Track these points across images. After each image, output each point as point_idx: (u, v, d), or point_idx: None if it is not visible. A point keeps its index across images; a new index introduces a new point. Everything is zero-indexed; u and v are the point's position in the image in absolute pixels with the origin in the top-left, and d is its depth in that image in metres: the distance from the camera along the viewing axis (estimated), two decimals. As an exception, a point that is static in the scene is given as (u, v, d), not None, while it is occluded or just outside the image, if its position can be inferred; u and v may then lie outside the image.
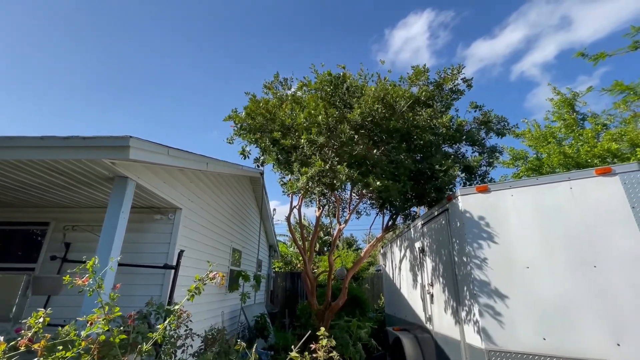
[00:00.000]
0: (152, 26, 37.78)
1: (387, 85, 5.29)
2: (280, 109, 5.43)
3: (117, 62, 47.32)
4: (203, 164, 4.97)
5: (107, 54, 43.79)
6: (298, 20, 40.61)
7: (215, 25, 39.68)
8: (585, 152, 7.52)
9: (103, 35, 35.84)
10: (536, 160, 8.65)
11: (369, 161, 4.82)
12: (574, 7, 43.10)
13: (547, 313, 3.16)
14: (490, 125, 6.15)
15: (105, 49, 40.81)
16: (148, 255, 4.81)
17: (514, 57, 59.32)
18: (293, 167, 4.86)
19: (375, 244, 7.64)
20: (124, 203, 3.62)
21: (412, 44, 67.45)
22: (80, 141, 3.10)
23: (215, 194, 6.81)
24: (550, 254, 3.30)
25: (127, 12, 34.60)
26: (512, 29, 60.08)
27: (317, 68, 5.45)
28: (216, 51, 47.21)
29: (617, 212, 3.09)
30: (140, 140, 3.28)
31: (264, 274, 11.86)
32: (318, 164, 4.28)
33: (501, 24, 63.33)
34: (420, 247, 5.46)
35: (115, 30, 35.39)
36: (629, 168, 3.16)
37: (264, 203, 10.54)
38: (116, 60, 46.41)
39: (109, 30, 35.86)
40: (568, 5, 43.66)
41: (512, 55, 60.46)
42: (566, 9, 45.54)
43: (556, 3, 46.03)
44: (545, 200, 3.45)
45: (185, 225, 5.27)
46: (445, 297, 4.41)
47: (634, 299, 2.83)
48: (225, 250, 7.45)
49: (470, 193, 3.90)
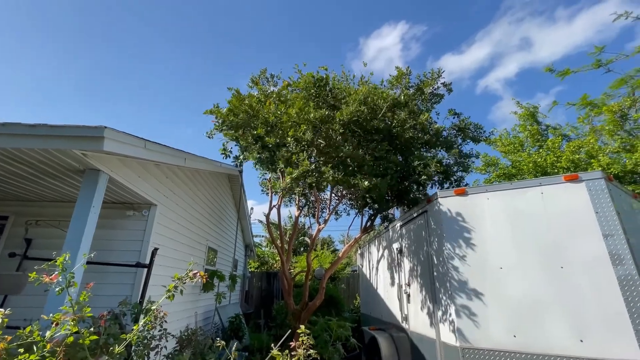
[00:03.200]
0: (130, 26, 36.22)
1: (372, 88, 5.36)
2: (265, 105, 5.35)
3: (85, 56, 44.99)
4: (181, 159, 4.79)
5: (73, 45, 41.49)
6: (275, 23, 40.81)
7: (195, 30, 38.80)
8: (552, 162, 8.01)
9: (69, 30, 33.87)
10: (512, 168, 9.12)
11: (354, 161, 4.86)
12: (533, 30, 47.47)
13: (517, 312, 3.32)
14: (467, 132, 6.39)
15: (72, 41, 38.64)
16: (119, 253, 4.57)
17: (480, 72, 63.67)
18: (277, 165, 4.79)
19: (353, 245, 7.70)
20: (95, 197, 3.42)
21: (385, 53, 70.37)
22: (48, 129, 2.89)
23: (191, 191, 6.59)
24: (521, 255, 3.47)
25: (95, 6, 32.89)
26: (478, 46, 64.59)
27: (301, 68, 5.43)
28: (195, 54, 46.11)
29: (583, 217, 3.30)
30: (116, 131, 3.11)
31: (240, 273, 11.63)
32: (305, 163, 4.25)
33: (468, 41, 67.62)
34: (399, 247, 5.56)
35: (84, 24, 33.58)
36: (594, 176, 3.39)
37: (242, 202, 10.35)
38: (84, 55, 44.07)
39: (77, 22, 33.95)
40: (527, 27, 47.92)
41: (477, 71, 64.98)
42: (526, 31, 49.62)
43: (517, 25, 50.07)
44: (518, 204, 3.63)
45: (159, 222, 5.06)
46: (422, 296, 4.51)
47: (596, 299, 3.03)
48: (200, 249, 7.24)
49: (448, 195, 4.03)
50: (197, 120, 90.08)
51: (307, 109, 4.72)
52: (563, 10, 49.76)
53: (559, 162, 7.98)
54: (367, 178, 4.49)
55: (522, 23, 52.14)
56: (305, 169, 4.36)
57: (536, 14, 49.31)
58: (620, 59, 6.26)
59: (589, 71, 6.42)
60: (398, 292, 5.46)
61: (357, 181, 4.37)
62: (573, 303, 3.10)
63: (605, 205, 3.22)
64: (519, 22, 52.02)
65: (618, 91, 7.11)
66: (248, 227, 12.02)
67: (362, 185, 4.32)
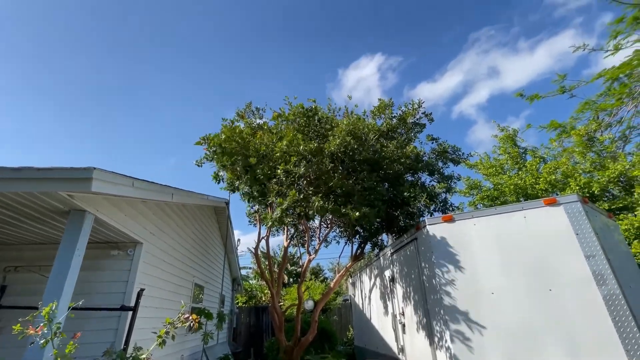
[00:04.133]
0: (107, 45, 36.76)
1: (356, 119, 5.58)
2: (255, 136, 5.45)
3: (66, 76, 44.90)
4: (168, 195, 4.74)
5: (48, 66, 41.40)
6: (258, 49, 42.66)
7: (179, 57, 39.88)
8: (531, 183, 8.37)
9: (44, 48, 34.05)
10: (494, 191, 9.42)
11: (343, 190, 4.94)
12: (498, 59, 52.07)
13: (512, 337, 3.33)
14: (446, 155, 6.66)
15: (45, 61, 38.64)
16: (102, 296, 4.35)
17: (454, 98, 68.27)
18: (269, 198, 4.81)
19: (344, 274, 7.61)
20: (80, 239, 3.31)
21: (364, 83, 74.70)
22: (34, 172, 2.84)
23: (178, 226, 6.45)
24: (511, 279, 3.54)
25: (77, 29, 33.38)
26: (450, 75, 69.75)
27: (291, 101, 5.64)
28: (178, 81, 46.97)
29: (565, 239, 3.44)
30: (105, 171, 3.08)
31: (228, 310, 11.15)
32: (292, 193, 4.29)
33: (441, 70, 72.91)
34: (390, 275, 5.54)
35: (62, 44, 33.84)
36: (570, 199, 3.58)
37: (229, 234, 10.14)
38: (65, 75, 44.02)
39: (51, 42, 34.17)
40: (493, 57, 52.57)
41: (451, 98, 69.67)
42: (492, 61, 54.18)
43: (484, 55, 54.86)
44: (504, 228, 3.75)
45: (145, 261, 4.89)
46: (417, 325, 4.46)
47: (586, 320, 3.09)
48: (186, 286, 6.96)
49: (437, 222, 4.12)
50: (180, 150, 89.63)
51: (296, 141, 4.85)
52: (524, 41, 54.30)
53: (537, 184, 8.34)
54: (357, 208, 4.56)
55: (488, 54, 56.65)
56: (294, 199, 4.40)
57: (500, 45, 53.64)
58: (581, 85, 6.88)
59: (555, 96, 7.01)
60: (393, 322, 5.37)
61: (348, 211, 4.43)
62: (564, 325, 3.15)
63: (584, 227, 3.38)
64: (485, 53, 56.48)
65: (584, 114, 7.74)
66: (235, 260, 11.70)
67: (353, 215, 4.38)
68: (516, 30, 48.39)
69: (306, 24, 36.38)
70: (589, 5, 30.55)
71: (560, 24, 42.54)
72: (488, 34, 51.92)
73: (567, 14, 40.32)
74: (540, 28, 45.23)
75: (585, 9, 43.63)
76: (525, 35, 46.20)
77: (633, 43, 5.55)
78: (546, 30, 47.23)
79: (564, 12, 41.80)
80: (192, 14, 34.31)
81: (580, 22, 38.06)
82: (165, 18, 33.37)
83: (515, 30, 48.61)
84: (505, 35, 51.67)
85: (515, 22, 45.30)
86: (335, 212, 4.57)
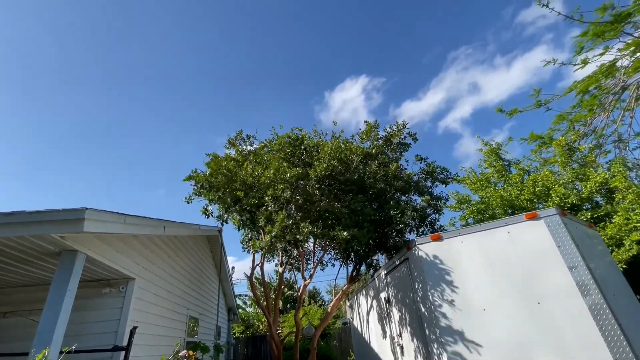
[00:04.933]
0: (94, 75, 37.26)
1: (341, 144, 5.77)
2: (242, 168, 5.56)
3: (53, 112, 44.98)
4: (160, 229, 4.76)
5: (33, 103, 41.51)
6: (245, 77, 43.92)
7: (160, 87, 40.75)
8: (516, 195, 8.61)
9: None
10: (480, 204, 9.64)
11: (332, 214, 5.03)
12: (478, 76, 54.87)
13: (506, 353, 3.36)
14: (435, 175, 6.85)
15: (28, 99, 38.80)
16: (93, 336, 4.25)
17: (438, 115, 70.97)
18: (258, 225, 4.87)
19: (342, 297, 7.56)
20: (71, 280, 3.29)
21: (350, 104, 77.39)
22: (26, 216, 2.88)
23: (170, 258, 6.39)
24: (500, 295, 3.62)
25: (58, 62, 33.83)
26: (433, 92, 72.96)
27: (277, 130, 5.83)
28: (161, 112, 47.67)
29: (547, 251, 3.56)
30: (97, 211, 3.13)
31: (224, 341, 10.81)
32: (280, 218, 4.37)
33: (424, 88, 76.20)
34: (386, 297, 5.55)
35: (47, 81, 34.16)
36: (550, 212, 3.74)
37: (223, 263, 10.01)
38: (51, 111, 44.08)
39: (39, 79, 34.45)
40: (473, 74, 55.38)
41: (436, 114, 72.39)
42: (472, 77, 57.03)
43: (463, 72, 57.83)
44: (490, 244, 3.87)
45: (138, 297, 4.82)
46: (415, 346, 4.45)
47: (574, 331, 3.16)
48: (181, 320, 6.80)
49: (426, 242, 4.22)
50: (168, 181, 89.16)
51: (283, 169, 4.98)
52: (500, 58, 57.04)
53: (522, 195, 8.58)
54: (346, 229, 4.65)
55: (468, 71, 59.41)
56: (284, 225, 4.46)
57: (478, 62, 56.33)
58: (555, 99, 7.31)
59: (533, 110, 7.42)
60: (391, 344, 5.33)
61: (337, 233, 4.51)
62: (554, 337, 3.21)
63: (565, 239, 3.52)
64: (465, 70, 59.26)
65: (560, 126, 8.14)
66: (230, 289, 11.47)
67: (342, 235, 4.46)
68: (492, 47, 51.05)
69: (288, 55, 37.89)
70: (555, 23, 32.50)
71: (532, 40, 45.06)
72: (466, 52, 54.58)
73: (537, 32, 42.85)
74: (513, 45, 47.81)
75: (553, 26, 46.30)
76: (500, 52, 48.71)
77: (599, 56, 5.98)
78: (520, 47, 49.90)
79: (534, 30, 44.35)
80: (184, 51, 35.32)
81: (550, 38, 40.34)
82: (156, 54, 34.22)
83: (491, 47, 51.25)
84: (482, 52, 54.42)
85: (490, 40, 47.87)
86: (325, 235, 4.64)
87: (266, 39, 36.39)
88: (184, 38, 34.39)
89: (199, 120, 52.87)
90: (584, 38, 6.02)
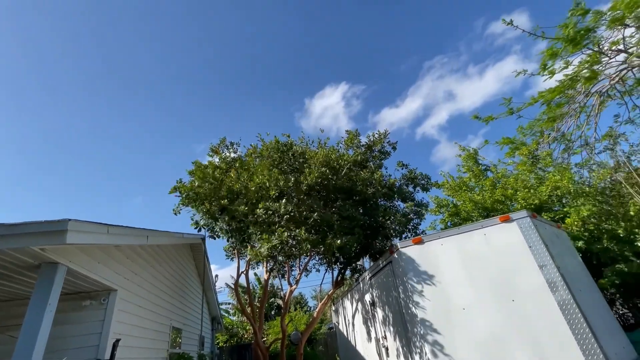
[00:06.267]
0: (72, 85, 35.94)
1: (329, 151, 5.90)
2: (227, 175, 5.57)
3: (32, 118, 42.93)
4: (143, 238, 4.70)
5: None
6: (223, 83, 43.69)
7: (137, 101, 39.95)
8: (488, 198, 9.07)
9: (11, 96, 32.63)
10: (454, 207, 10.09)
11: (323, 222, 5.12)
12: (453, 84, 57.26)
13: (485, 349, 3.55)
14: (416, 181, 7.11)
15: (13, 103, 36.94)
16: (73, 351, 4.12)
17: (416, 121, 73.28)
18: (247, 234, 4.89)
19: (327, 302, 7.62)
20: (52, 294, 3.21)
21: (330, 111, 78.58)
22: (5, 229, 2.81)
23: (153, 267, 6.26)
24: (478, 294, 3.81)
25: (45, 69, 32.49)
26: (411, 100, 75.40)
27: (264, 137, 5.89)
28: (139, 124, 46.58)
29: (520, 252, 3.80)
30: (80, 222, 3.09)
31: (208, 352, 10.59)
32: (280, 231, 4.42)
33: (402, 96, 78.51)
34: (371, 300, 5.68)
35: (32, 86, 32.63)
36: (521, 215, 3.99)
37: (206, 272, 9.86)
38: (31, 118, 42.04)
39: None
40: (448, 82, 57.73)
41: (414, 121, 74.63)
42: (447, 85, 59.48)
43: (439, 80, 60.21)
44: (467, 246, 4.07)
45: (120, 308, 4.71)
46: (399, 347, 4.58)
47: (546, 325, 3.39)
48: (164, 331, 6.65)
49: (408, 245, 4.39)
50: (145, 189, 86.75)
51: (274, 175, 5.03)
52: (473, 67, 59.40)
53: (495, 196, 9.05)
54: (338, 237, 4.76)
55: (443, 79, 61.79)
56: (284, 239, 4.50)
57: (453, 71, 58.56)
58: (525, 108, 7.80)
59: (506, 117, 7.88)
60: (376, 346, 5.44)
61: (330, 242, 4.61)
62: (528, 332, 3.43)
63: (535, 239, 3.77)
64: (440, 79, 61.65)
65: (532, 131, 8.69)
66: (214, 298, 11.28)
67: (335, 244, 4.56)
68: (465, 57, 53.20)
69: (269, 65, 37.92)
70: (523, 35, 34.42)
71: (502, 50, 47.19)
72: (441, 61, 56.67)
73: (507, 43, 45.11)
74: (485, 55, 49.92)
75: (521, 37, 48.87)
76: (473, 62, 50.84)
77: (565, 67, 6.45)
78: (491, 57, 52.13)
79: (503, 41, 46.54)
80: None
81: (519, 49, 42.46)
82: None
83: (464, 57, 53.40)
84: (456, 62, 56.65)
85: (463, 50, 49.91)
86: (319, 244, 4.73)
87: (245, 45, 36.34)
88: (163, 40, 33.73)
89: (177, 128, 51.88)
90: (546, 55, 6.49)
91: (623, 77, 6.74)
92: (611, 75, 6.74)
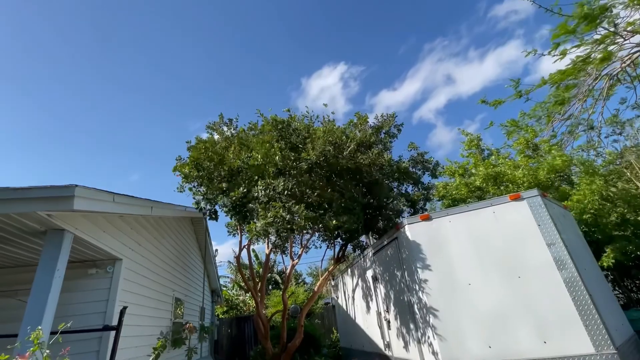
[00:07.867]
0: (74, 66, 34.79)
1: (334, 128, 5.76)
2: (228, 150, 5.47)
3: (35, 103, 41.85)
4: (148, 209, 4.65)
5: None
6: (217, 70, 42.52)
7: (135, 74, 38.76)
8: (481, 178, 9.26)
9: (2, 64, 31.50)
10: (443, 190, 10.33)
11: (325, 200, 5.08)
12: (452, 68, 56.16)
13: (489, 324, 3.62)
14: (425, 164, 7.06)
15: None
16: (81, 317, 4.15)
17: (414, 105, 72.27)
18: (253, 213, 4.86)
19: (328, 277, 7.75)
20: (60, 259, 3.19)
21: (327, 92, 76.89)
22: (11, 193, 2.73)
23: (156, 239, 6.27)
24: (485, 270, 3.85)
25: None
26: (410, 83, 73.87)
27: (264, 112, 5.73)
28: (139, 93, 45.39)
29: (529, 230, 3.81)
30: (87, 188, 3.02)
31: (209, 322, 10.87)
32: (278, 205, 4.37)
33: (400, 79, 76.93)
34: (373, 275, 5.75)
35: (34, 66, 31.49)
36: (532, 194, 3.97)
37: (207, 246, 9.94)
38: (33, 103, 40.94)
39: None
40: (447, 66, 56.54)
41: (411, 104, 73.59)
42: (447, 69, 58.26)
43: (439, 64, 58.91)
44: (476, 223, 4.08)
45: (126, 277, 4.74)
46: (401, 321, 4.68)
47: (551, 302, 3.45)
48: (167, 301, 6.76)
49: (415, 222, 4.38)
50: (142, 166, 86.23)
51: (273, 151, 4.93)
52: (474, 51, 58.03)
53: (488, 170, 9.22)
54: (336, 216, 4.74)
55: (442, 62, 60.49)
56: (280, 214, 4.46)
57: (453, 55, 57.26)
58: (534, 90, 7.64)
59: (513, 100, 7.75)
60: (378, 319, 5.57)
61: (327, 222, 4.60)
62: (533, 308, 3.49)
63: (545, 218, 3.77)
64: (440, 62, 60.36)
65: (537, 112, 8.61)
66: (214, 271, 11.45)
67: (330, 224, 4.55)
68: (466, 40, 51.82)
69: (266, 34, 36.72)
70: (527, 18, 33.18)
71: (504, 34, 45.97)
72: (442, 44, 55.18)
73: (509, 26, 43.83)
74: (487, 39, 48.65)
75: (524, 22, 47.48)
76: (475, 44, 49.54)
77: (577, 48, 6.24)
78: (493, 41, 50.82)
79: (506, 25, 45.25)
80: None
81: (522, 34, 41.34)
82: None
83: (465, 41, 52.01)
84: (457, 45, 55.25)
85: (464, 33, 48.51)
86: (317, 220, 4.71)
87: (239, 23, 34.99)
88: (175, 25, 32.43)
89: (173, 104, 50.81)
90: (559, 31, 6.24)
91: (635, 61, 6.56)
92: (623, 57, 6.55)
